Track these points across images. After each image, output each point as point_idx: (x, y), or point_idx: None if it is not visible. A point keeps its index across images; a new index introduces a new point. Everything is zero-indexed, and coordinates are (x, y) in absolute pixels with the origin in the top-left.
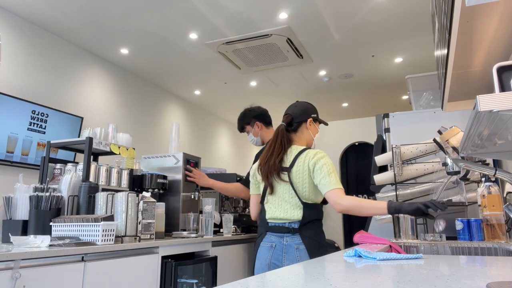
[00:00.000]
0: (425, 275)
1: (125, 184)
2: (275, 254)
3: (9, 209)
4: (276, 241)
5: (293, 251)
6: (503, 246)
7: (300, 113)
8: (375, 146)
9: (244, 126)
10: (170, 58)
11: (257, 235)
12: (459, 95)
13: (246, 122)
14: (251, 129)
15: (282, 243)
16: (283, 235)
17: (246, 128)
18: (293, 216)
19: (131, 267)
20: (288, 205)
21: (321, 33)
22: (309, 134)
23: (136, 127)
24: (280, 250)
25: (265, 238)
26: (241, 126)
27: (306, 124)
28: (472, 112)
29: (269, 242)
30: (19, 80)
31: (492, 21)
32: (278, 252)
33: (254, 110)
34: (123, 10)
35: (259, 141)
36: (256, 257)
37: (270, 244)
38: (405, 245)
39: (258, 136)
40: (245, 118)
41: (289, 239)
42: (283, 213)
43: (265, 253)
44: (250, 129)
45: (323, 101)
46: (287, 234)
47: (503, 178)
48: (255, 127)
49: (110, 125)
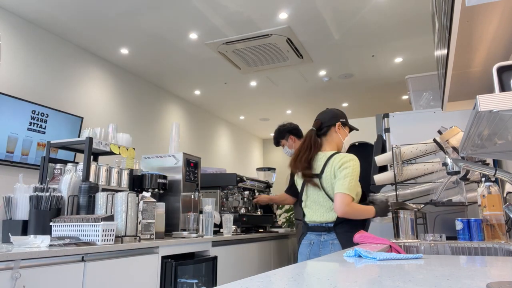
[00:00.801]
0: (425, 275)
1: (125, 184)
2: (313, 250)
3: (9, 209)
4: (315, 238)
5: (328, 245)
6: (503, 246)
7: (329, 118)
8: (375, 146)
9: (280, 140)
10: (170, 58)
11: (300, 234)
12: (459, 95)
13: (281, 137)
14: (286, 143)
15: (319, 240)
16: (321, 233)
17: (281, 142)
18: (328, 218)
19: (131, 267)
20: (323, 209)
21: (321, 33)
22: (339, 137)
23: (136, 127)
24: (317, 246)
25: (306, 237)
26: (277, 141)
27: (335, 128)
28: (472, 112)
29: (308, 240)
30: (19, 80)
31: (492, 21)
32: (316, 248)
33: (287, 126)
34: (123, 10)
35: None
36: (298, 252)
37: (309, 242)
38: (405, 245)
39: (292, 148)
40: (280, 134)
41: (326, 236)
42: (320, 217)
43: (305, 249)
44: (285, 143)
45: (323, 101)
46: (324, 232)
47: (503, 178)
48: (289, 141)
49: (110, 125)
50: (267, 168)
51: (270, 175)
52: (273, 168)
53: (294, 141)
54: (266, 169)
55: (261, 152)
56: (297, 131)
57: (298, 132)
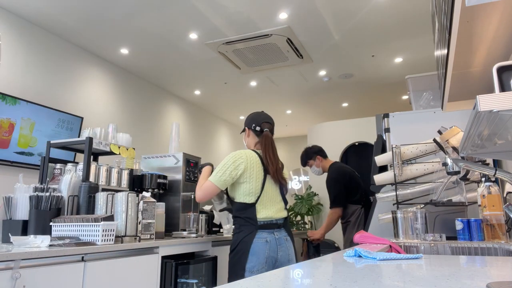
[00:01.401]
0: (425, 275)
1: (125, 184)
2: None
3: (9, 209)
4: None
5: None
6: (503, 246)
7: (273, 126)
8: (375, 146)
9: (308, 161)
10: (170, 58)
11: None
12: (459, 95)
13: (309, 157)
14: (314, 163)
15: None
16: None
17: (309, 162)
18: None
19: (131, 267)
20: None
21: (321, 33)
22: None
23: (136, 127)
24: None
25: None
26: (304, 162)
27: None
28: (472, 112)
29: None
30: (19, 80)
31: (492, 21)
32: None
33: (314, 148)
34: (123, 10)
35: (321, 171)
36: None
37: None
38: (405, 245)
39: (320, 167)
40: (308, 155)
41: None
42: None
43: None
44: (313, 163)
45: (323, 101)
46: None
47: (503, 178)
48: (316, 161)
49: (110, 125)
50: None
51: None
52: None
53: (321, 161)
54: None
55: None
56: (323, 152)
57: (323, 153)
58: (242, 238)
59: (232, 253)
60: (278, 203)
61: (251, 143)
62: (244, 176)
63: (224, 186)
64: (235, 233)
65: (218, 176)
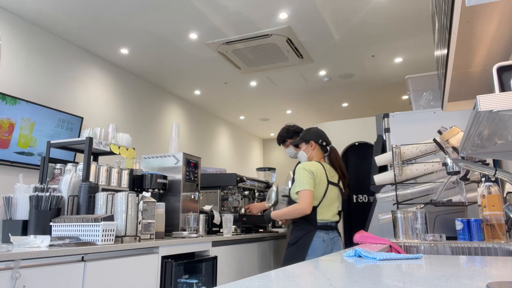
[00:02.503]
0: (425, 275)
1: (125, 184)
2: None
3: (9, 209)
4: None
5: None
6: (503, 246)
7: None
8: (375, 146)
9: (287, 140)
10: (170, 58)
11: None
12: (459, 95)
13: (290, 137)
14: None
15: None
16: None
17: (288, 142)
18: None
19: (131, 267)
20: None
21: (321, 33)
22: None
23: (136, 127)
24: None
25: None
26: (283, 140)
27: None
28: (472, 112)
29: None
30: (19, 80)
31: (492, 21)
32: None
33: (296, 127)
34: (123, 10)
35: (296, 154)
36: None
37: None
38: (405, 245)
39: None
40: (289, 134)
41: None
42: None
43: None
44: (291, 143)
45: (323, 101)
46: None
47: (503, 178)
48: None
49: (110, 125)
50: (267, 168)
51: (270, 175)
52: (273, 168)
53: (301, 145)
54: (266, 169)
55: (261, 152)
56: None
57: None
58: (303, 235)
59: (293, 246)
60: (336, 208)
61: (316, 156)
62: (315, 183)
63: (313, 187)
64: (295, 230)
65: (307, 182)
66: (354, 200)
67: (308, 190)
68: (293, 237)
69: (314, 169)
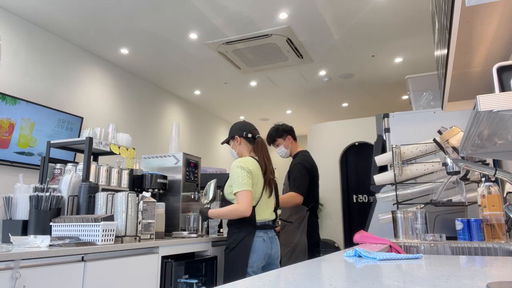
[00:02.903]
0: (425, 275)
1: (125, 184)
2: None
3: (9, 209)
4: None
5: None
6: (503, 246)
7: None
8: (375, 146)
9: (276, 139)
10: (170, 58)
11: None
12: (459, 95)
13: (279, 135)
14: (283, 142)
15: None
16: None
17: (278, 141)
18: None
19: (131, 267)
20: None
21: (321, 33)
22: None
23: (136, 127)
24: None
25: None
26: (273, 139)
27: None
28: (472, 112)
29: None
30: (19, 80)
31: (492, 21)
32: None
33: (285, 126)
34: (123, 10)
35: (288, 154)
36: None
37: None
38: (405, 245)
39: (288, 149)
40: (278, 132)
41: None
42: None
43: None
44: (281, 142)
45: (323, 101)
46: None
47: (503, 178)
48: (286, 141)
49: (110, 125)
50: None
51: None
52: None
53: (291, 142)
54: None
55: None
56: (294, 134)
57: (294, 135)
58: (243, 237)
59: (233, 251)
60: (272, 206)
61: (244, 150)
62: (252, 182)
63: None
64: (233, 232)
65: (245, 182)
66: (354, 200)
67: (247, 191)
68: (232, 240)
69: (252, 167)
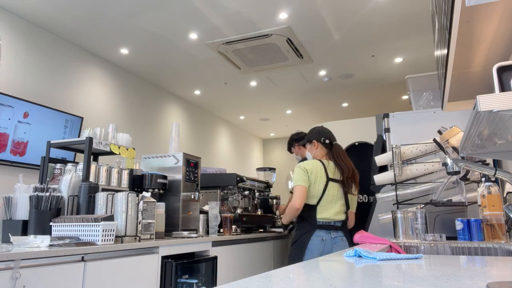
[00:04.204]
0: (425, 275)
1: (125, 184)
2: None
3: (9, 209)
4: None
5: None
6: (503, 246)
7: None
8: (375, 146)
9: (290, 148)
10: (170, 58)
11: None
12: (459, 95)
13: (290, 145)
14: (294, 150)
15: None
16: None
17: (292, 150)
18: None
19: (131, 267)
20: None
21: (321, 33)
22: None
23: (136, 127)
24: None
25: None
26: (289, 148)
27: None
28: (472, 112)
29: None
30: (19, 80)
31: (492, 21)
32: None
33: (293, 135)
34: (123, 10)
35: (299, 159)
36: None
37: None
38: (405, 245)
39: (299, 155)
40: (289, 142)
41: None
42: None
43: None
44: (293, 150)
45: (323, 101)
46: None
47: (503, 178)
48: (296, 149)
49: (110, 125)
50: (267, 168)
51: (270, 175)
52: (273, 168)
53: (299, 149)
54: (266, 169)
55: (261, 152)
56: (301, 139)
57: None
58: (301, 235)
59: (293, 246)
60: (339, 206)
61: (319, 154)
62: (310, 180)
63: (307, 184)
64: (296, 229)
65: (299, 178)
66: None
67: (300, 186)
68: (294, 236)
69: (309, 167)
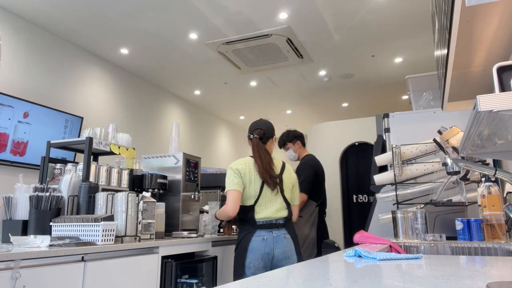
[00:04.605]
0: (425, 275)
1: (125, 184)
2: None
3: (9, 209)
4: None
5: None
6: (503, 246)
7: (270, 130)
8: (375, 146)
9: (287, 143)
10: (170, 58)
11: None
12: (459, 95)
13: (289, 140)
14: (292, 147)
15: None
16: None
17: (288, 145)
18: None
19: (131, 267)
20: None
21: (321, 33)
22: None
23: (136, 127)
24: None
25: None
26: (284, 143)
27: (272, 140)
28: (472, 112)
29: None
30: (19, 80)
31: (492, 21)
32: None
33: (296, 132)
34: (123, 10)
35: (296, 157)
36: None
37: (262, 238)
38: (405, 245)
39: (297, 153)
40: (289, 137)
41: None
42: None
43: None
44: (291, 146)
45: (323, 101)
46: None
47: (503, 178)
48: (295, 145)
49: (110, 125)
50: None
51: None
52: None
53: (299, 147)
54: None
55: None
56: (303, 140)
57: (303, 141)
58: (242, 237)
59: (236, 251)
60: (280, 203)
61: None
62: (244, 182)
63: (241, 187)
64: (239, 232)
65: (231, 181)
66: (354, 200)
67: (232, 191)
68: (237, 238)
69: (241, 167)
